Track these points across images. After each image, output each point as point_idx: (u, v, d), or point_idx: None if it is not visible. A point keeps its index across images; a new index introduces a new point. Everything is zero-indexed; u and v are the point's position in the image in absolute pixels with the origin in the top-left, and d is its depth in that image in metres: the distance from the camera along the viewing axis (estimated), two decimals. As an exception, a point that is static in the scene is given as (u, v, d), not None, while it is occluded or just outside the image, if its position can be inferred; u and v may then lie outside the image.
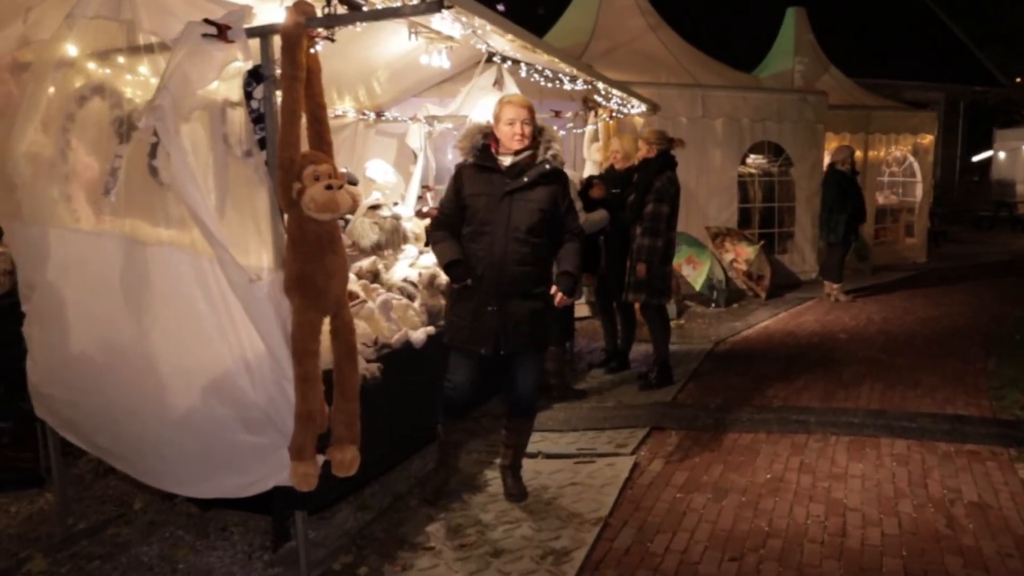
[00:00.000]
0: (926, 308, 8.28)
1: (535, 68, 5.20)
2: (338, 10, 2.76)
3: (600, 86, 5.85)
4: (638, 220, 5.16)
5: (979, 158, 19.75)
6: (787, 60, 11.81)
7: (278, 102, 2.60)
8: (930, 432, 4.41)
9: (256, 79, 2.57)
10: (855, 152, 9.05)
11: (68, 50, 2.74)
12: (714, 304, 8.22)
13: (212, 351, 2.65)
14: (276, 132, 2.55)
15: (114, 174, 2.72)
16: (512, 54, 5.08)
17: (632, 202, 5.22)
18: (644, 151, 5.32)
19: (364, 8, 2.95)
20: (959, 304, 8.49)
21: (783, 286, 9.20)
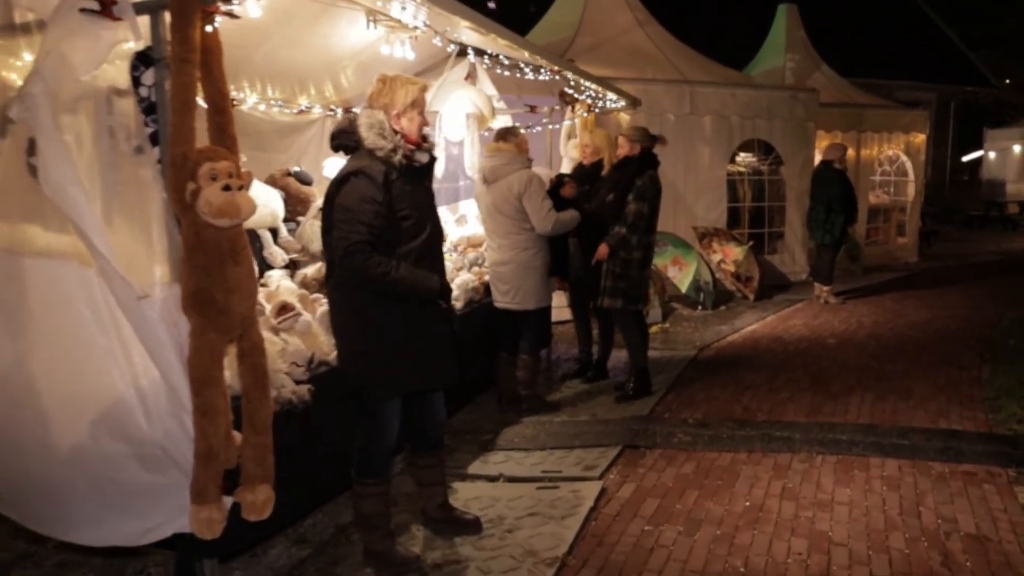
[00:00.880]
0: (918, 310, 8.00)
1: (500, 59, 4.86)
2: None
3: (569, 76, 5.50)
4: (619, 222, 4.82)
5: (969, 158, 19.79)
6: (778, 57, 11.58)
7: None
8: (923, 450, 4.10)
9: (145, 63, 2.21)
10: (848, 150, 8.77)
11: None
12: (701, 306, 7.92)
13: (101, 378, 2.30)
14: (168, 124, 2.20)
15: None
16: (479, 44, 4.76)
17: (611, 202, 4.87)
18: (626, 149, 4.96)
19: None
20: (951, 306, 8.22)
21: (772, 287, 8.93)
